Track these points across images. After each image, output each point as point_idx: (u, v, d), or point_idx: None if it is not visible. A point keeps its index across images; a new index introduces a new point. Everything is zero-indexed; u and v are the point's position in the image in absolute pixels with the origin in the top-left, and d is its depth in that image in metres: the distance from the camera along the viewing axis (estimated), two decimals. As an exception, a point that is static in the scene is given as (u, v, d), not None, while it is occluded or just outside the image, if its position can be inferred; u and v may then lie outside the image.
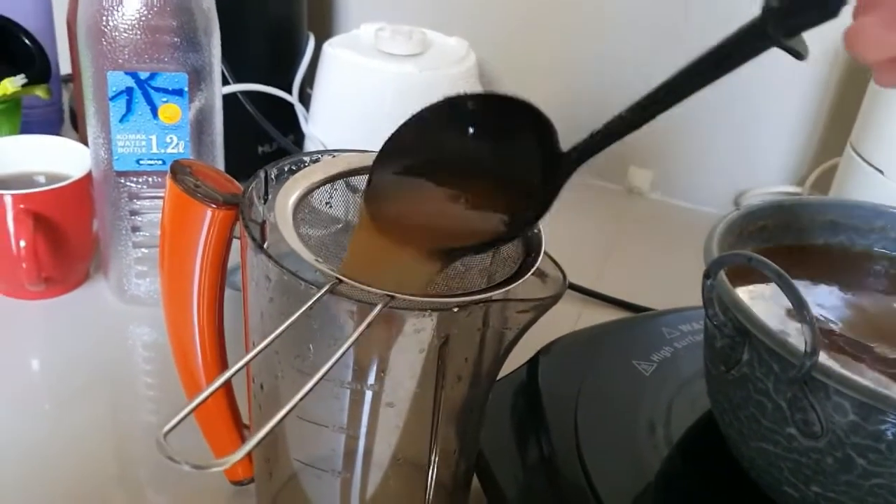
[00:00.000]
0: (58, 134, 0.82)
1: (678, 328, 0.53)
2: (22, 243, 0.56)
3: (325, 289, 0.32)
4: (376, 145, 0.41)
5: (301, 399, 0.26)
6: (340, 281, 0.32)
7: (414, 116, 0.36)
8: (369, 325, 0.30)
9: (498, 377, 0.50)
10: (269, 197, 0.38)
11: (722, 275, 0.38)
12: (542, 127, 0.35)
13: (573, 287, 0.70)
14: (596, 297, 0.70)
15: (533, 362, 0.51)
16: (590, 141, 0.35)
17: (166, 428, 0.23)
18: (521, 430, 0.47)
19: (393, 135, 0.37)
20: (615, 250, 0.80)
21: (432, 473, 0.38)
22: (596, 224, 0.85)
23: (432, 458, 0.38)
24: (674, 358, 0.51)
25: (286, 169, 0.39)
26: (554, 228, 0.82)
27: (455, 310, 0.34)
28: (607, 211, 0.88)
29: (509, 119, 0.36)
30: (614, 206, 0.89)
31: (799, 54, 0.30)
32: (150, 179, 0.58)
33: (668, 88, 0.32)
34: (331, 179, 0.40)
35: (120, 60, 0.54)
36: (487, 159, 0.36)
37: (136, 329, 0.62)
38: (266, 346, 0.28)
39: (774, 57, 0.86)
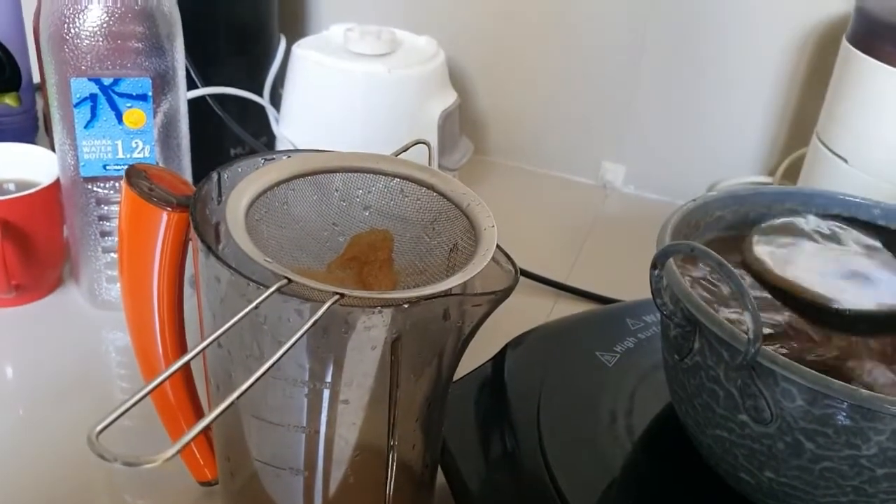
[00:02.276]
0: (32, 142, 0.82)
1: (642, 319, 0.53)
2: (-9, 251, 0.57)
3: (273, 287, 0.32)
4: (346, 145, 0.42)
5: (238, 397, 0.26)
6: (289, 280, 0.32)
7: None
8: (315, 322, 0.31)
9: (467, 371, 0.51)
10: (223, 198, 0.39)
11: (671, 264, 0.38)
12: None
13: (546, 281, 0.71)
14: (568, 291, 0.70)
15: (500, 356, 0.52)
16: None
17: (98, 427, 0.23)
18: (486, 424, 0.48)
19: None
20: (589, 244, 0.80)
21: (391, 469, 0.38)
22: (570, 219, 0.85)
23: (390, 455, 0.38)
24: (637, 349, 0.51)
25: (239, 170, 0.40)
26: (528, 223, 0.83)
27: (405, 306, 0.34)
28: (581, 206, 0.88)
29: None
30: (588, 200, 0.90)
31: None
32: (117, 185, 0.59)
33: None
34: (286, 180, 0.40)
35: (83, 67, 0.54)
36: None
37: (109, 334, 0.62)
38: (208, 345, 0.28)
39: (742, 50, 0.87)
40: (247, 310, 0.30)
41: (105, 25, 0.54)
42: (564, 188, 0.92)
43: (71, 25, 0.53)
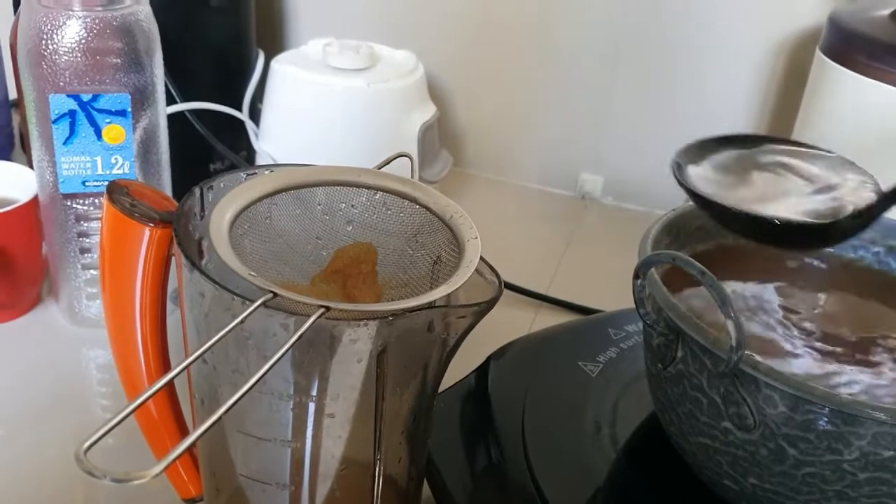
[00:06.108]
0: (9, 158, 0.81)
1: (624, 328, 0.54)
2: (-32, 269, 0.56)
3: (258, 302, 0.32)
4: (326, 159, 0.42)
5: (227, 411, 0.26)
6: (275, 294, 0.32)
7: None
8: (301, 336, 0.31)
9: (451, 383, 0.51)
10: (206, 213, 0.39)
11: (654, 274, 0.38)
12: None
13: (527, 292, 0.71)
14: (549, 302, 0.71)
15: (483, 367, 0.52)
16: None
17: (86, 444, 0.23)
18: (471, 436, 0.48)
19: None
20: (569, 255, 0.81)
21: (378, 483, 0.39)
22: (549, 231, 0.86)
23: (377, 468, 0.38)
24: (619, 358, 0.51)
25: (222, 186, 0.40)
26: (508, 235, 0.84)
27: (391, 318, 0.34)
28: (561, 217, 0.89)
29: None
30: (568, 212, 0.90)
31: None
32: (96, 201, 0.58)
33: None
34: (269, 194, 0.40)
35: (61, 83, 0.54)
36: None
37: (90, 351, 0.62)
38: (193, 361, 0.28)
39: (717, 60, 0.88)
40: (232, 324, 0.30)
41: (83, 41, 0.53)
42: (543, 200, 0.92)
43: (49, 41, 0.53)
